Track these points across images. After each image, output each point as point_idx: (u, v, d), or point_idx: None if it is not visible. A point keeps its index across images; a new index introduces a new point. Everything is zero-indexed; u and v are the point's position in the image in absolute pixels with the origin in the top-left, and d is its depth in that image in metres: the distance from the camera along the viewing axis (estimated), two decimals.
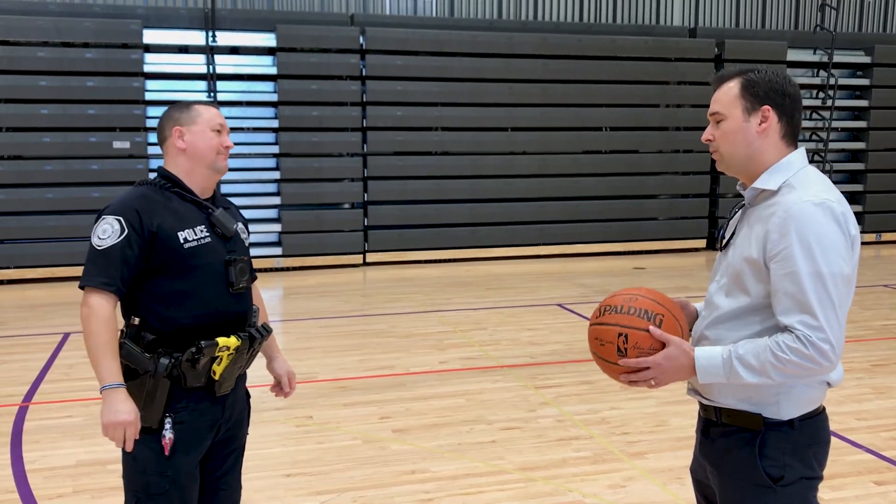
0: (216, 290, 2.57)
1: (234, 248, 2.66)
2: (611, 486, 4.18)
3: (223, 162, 2.68)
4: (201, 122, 2.64)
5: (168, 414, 2.49)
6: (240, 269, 2.63)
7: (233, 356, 2.55)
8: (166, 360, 2.46)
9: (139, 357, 2.46)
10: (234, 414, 2.69)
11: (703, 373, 2.10)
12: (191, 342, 2.48)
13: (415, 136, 11.85)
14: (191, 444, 2.54)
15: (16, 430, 5.05)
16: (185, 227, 2.54)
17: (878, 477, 4.28)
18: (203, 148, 2.63)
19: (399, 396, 5.67)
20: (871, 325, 7.83)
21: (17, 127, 10.45)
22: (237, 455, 2.78)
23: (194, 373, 2.50)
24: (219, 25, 11.12)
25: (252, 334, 2.63)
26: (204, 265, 2.55)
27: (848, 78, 13.87)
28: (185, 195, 2.61)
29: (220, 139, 2.67)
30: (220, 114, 2.73)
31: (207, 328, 2.52)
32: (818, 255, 1.99)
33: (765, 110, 2.14)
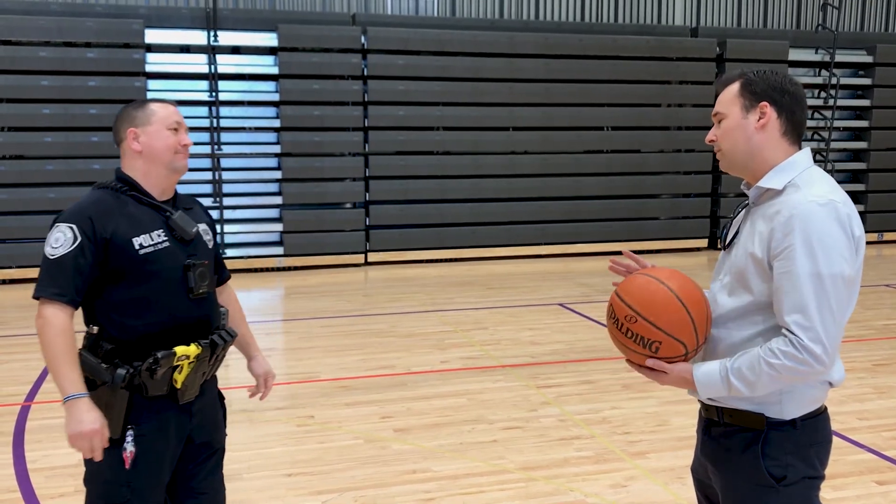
0: (175, 297, 2.50)
1: (194, 251, 2.58)
2: (612, 485, 4.18)
3: (182, 161, 2.61)
4: (156, 122, 2.56)
5: (130, 426, 2.42)
6: (199, 273, 2.55)
7: (194, 364, 2.49)
8: (123, 371, 2.39)
9: (96, 367, 2.40)
10: (204, 419, 2.64)
11: (703, 389, 2.13)
12: (151, 350, 2.42)
13: (416, 135, 11.85)
14: (155, 454, 2.49)
15: (17, 429, 5.06)
16: (140, 233, 2.47)
17: (879, 476, 4.28)
18: (159, 148, 2.55)
19: (400, 396, 5.67)
20: (872, 325, 7.82)
21: (18, 127, 10.46)
22: (216, 459, 2.72)
23: (154, 382, 2.43)
24: (220, 25, 11.12)
25: (214, 340, 2.56)
26: (161, 271, 2.48)
27: (850, 77, 13.85)
28: (142, 198, 2.54)
29: (176, 137, 2.58)
30: (177, 111, 2.65)
31: (167, 335, 2.46)
32: (820, 255, 1.99)
33: (762, 106, 2.14)
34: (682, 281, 2.17)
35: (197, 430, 2.61)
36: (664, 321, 2.11)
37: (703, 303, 2.16)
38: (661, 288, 2.15)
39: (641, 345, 2.14)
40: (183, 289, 2.52)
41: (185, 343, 2.48)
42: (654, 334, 2.12)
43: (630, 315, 2.15)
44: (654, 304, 2.13)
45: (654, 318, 2.12)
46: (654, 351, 2.14)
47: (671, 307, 2.12)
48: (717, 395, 2.13)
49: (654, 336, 2.12)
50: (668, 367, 2.14)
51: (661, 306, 2.12)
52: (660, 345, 2.12)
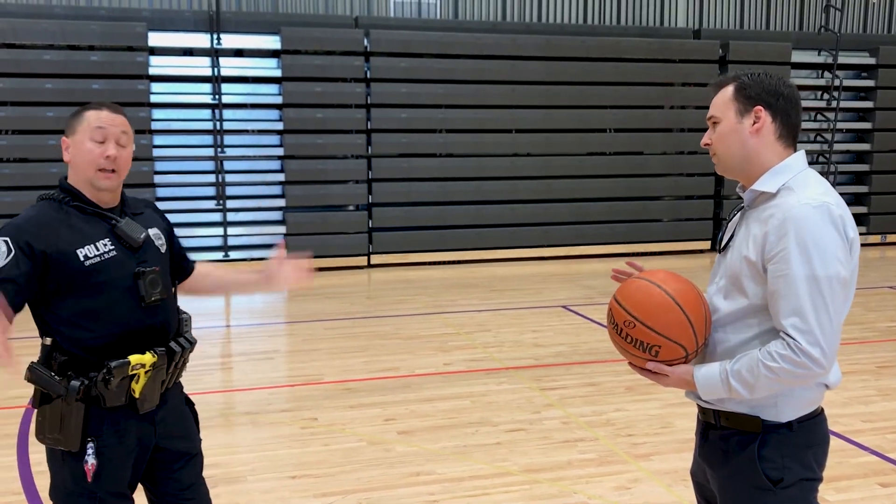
0: (126, 306, 2.43)
1: (144, 258, 2.49)
2: (616, 487, 4.18)
3: (103, 180, 2.43)
4: (81, 132, 2.44)
5: (90, 438, 2.39)
6: (150, 280, 2.46)
7: (150, 373, 2.44)
8: (77, 383, 2.35)
9: (49, 381, 2.36)
10: (170, 428, 2.58)
11: (704, 392, 2.15)
12: (105, 361, 2.37)
13: (419, 138, 11.86)
14: (118, 465, 2.45)
15: (22, 431, 5.07)
16: (85, 244, 2.39)
17: (883, 479, 4.28)
18: (81, 162, 2.44)
19: (404, 398, 5.68)
20: (876, 327, 7.81)
21: (22, 130, 10.49)
22: (194, 465, 2.67)
23: (111, 393, 2.38)
24: (223, 28, 11.14)
25: (171, 348, 2.50)
26: (109, 281, 2.41)
27: (853, 79, 13.84)
28: (86, 208, 2.45)
29: (100, 150, 2.42)
30: (111, 117, 2.46)
31: (121, 345, 2.40)
32: (815, 258, 2.00)
33: (757, 110, 2.15)
34: (680, 283, 2.18)
35: (165, 440, 2.57)
36: (662, 325, 2.12)
37: (700, 304, 2.17)
38: (657, 292, 2.16)
39: (641, 349, 2.16)
40: (134, 297, 2.44)
41: (140, 352, 2.43)
42: (654, 339, 2.13)
43: (629, 320, 2.16)
44: (651, 308, 2.14)
45: (652, 322, 2.13)
46: (654, 355, 2.15)
47: (669, 311, 2.13)
48: (718, 397, 2.14)
49: (654, 340, 2.13)
50: (669, 370, 2.16)
51: (658, 310, 2.13)
52: (659, 349, 2.14)
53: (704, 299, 2.20)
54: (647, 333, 2.13)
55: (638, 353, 2.17)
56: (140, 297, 2.45)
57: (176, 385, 2.64)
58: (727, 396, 2.12)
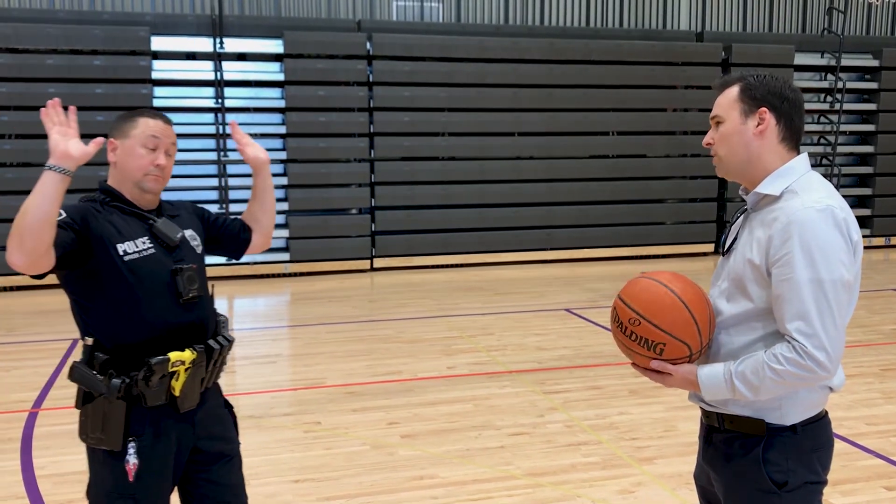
0: (164, 303, 2.47)
1: (181, 256, 2.56)
2: (620, 491, 4.17)
3: (152, 183, 2.54)
4: (133, 138, 2.53)
5: (131, 437, 2.41)
6: (188, 277, 2.51)
7: (190, 370, 2.46)
8: (118, 381, 2.37)
9: (92, 379, 2.38)
10: (209, 429, 2.60)
11: (707, 392, 2.13)
12: (142, 360, 2.40)
13: (422, 141, 11.86)
14: (158, 465, 2.46)
15: (25, 435, 5.07)
16: (125, 240, 2.46)
17: (888, 482, 4.27)
18: (130, 167, 2.52)
19: (407, 402, 5.67)
20: (880, 330, 7.79)
21: (26, 134, 10.50)
22: (231, 467, 2.67)
23: (151, 391, 2.40)
24: (226, 32, 11.16)
25: (210, 345, 2.53)
26: (148, 277, 2.46)
27: (856, 81, 13.83)
28: (126, 208, 2.53)
29: (150, 157, 2.52)
30: (164, 128, 2.57)
31: (160, 342, 2.43)
32: (819, 261, 1.99)
33: (761, 112, 2.14)
34: (685, 283, 2.18)
35: (203, 441, 2.58)
36: (667, 323, 2.12)
37: (705, 304, 2.16)
38: (663, 290, 2.15)
39: (646, 347, 2.15)
40: (172, 294, 2.49)
41: (179, 349, 2.46)
42: (658, 336, 2.13)
43: (634, 318, 2.16)
44: (656, 306, 2.14)
45: (657, 320, 2.13)
46: (658, 353, 2.14)
47: (674, 309, 2.12)
48: (721, 398, 2.13)
49: (658, 338, 2.13)
50: (673, 369, 2.15)
51: (663, 308, 2.13)
52: (664, 346, 2.13)
53: (709, 300, 2.20)
54: (652, 331, 2.13)
55: (642, 352, 2.16)
56: (178, 294, 2.50)
57: (215, 386, 2.67)
58: (730, 397, 2.11)
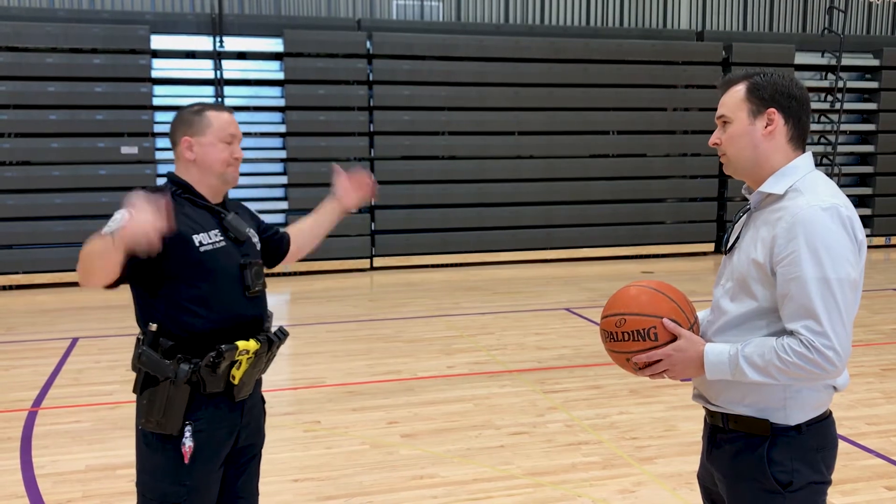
0: (232, 294, 2.54)
1: (247, 251, 2.64)
2: (620, 490, 4.16)
3: (234, 173, 2.64)
4: (211, 134, 2.57)
5: (188, 421, 2.45)
6: (255, 272, 2.60)
7: (252, 360, 2.53)
8: (186, 366, 2.42)
9: (159, 363, 2.42)
10: (252, 419, 2.67)
11: (711, 368, 2.11)
12: (209, 347, 2.45)
13: (422, 140, 11.86)
14: (210, 452, 2.51)
15: (25, 434, 5.06)
16: (199, 231, 2.51)
17: (889, 482, 4.26)
18: (212, 161, 2.58)
19: (407, 401, 5.67)
20: (881, 329, 7.79)
21: (25, 132, 10.49)
22: (256, 462, 2.75)
23: (214, 378, 2.46)
24: (226, 31, 11.15)
25: (270, 337, 2.61)
26: (219, 269, 2.52)
27: (856, 81, 13.82)
28: (197, 201, 2.58)
29: (230, 150, 2.60)
30: (233, 120, 2.65)
31: (225, 333, 2.49)
32: (826, 260, 1.98)
33: (770, 113, 2.13)
34: (651, 281, 2.27)
35: (244, 431, 2.63)
36: (650, 308, 2.17)
37: (676, 289, 2.24)
38: (631, 287, 2.25)
39: (641, 338, 2.15)
40: (240, 287, 2.56)
41: (242, 339, 2.51)
42: (647, 321, 2.15)
43: (618, 320, 2.19)
44: (632, 298, 2.21)
45: (639, 308, 2.17)
46: (654, 338, 2.14)
47: (651, 296, 2.20)
48: (720, 376, 2.11)
49: (648, 323, 2.15)
50: (679, 332, 2.13)
51: (638, 298, 2.20)
52: (655, 329, 2.14)
53: (675, 287, 2.27)
54: (639, 320, 2.15)
55: (639, 346, 2.16)
56: (245, 287, 2.57)
57: (261, 379, 2.72)
58: (729, 378, 2.09)
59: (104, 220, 2.51)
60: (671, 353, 2.13)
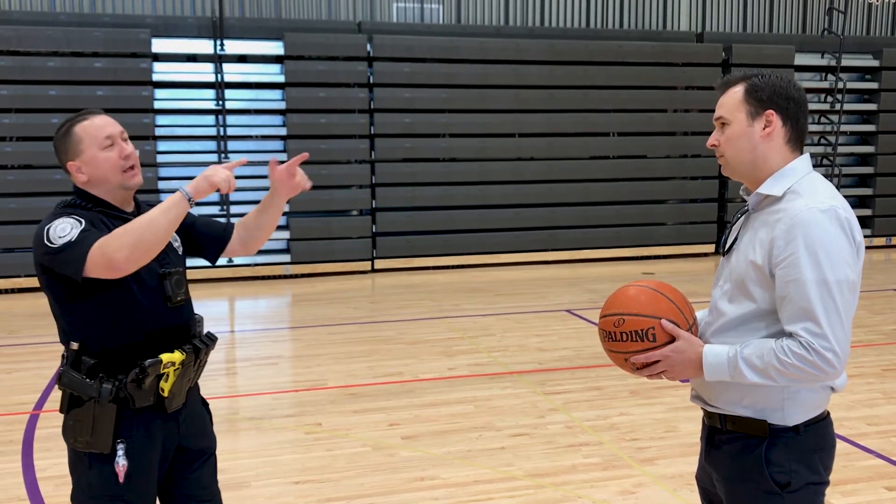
0: (153, 306, 2.46)
1: (167, 260, 2.54)
2: (621, 492, 4.17)
3: (133, 179, 2.50)
4: (86, 147, 2.46)
5: (120, 440, 2.40)
6: (175, 281, 2.51)
7: (179, 371, 2.46)
8: (109, 385, 2.36)
9: (82, 383, 2.37)
10: (192, 427, 2.62)
11: (710, 369, 2.12)
12: (133, 362, 2.38)
13: (422, 142, 11.87)
14: (146, 466, 2.46)
15: (27, 437, 5.08)
16: None
17: (889, 482, 4.26)
18: (102, 174, 2.47)
19: (408, 403, 5.68)
20: (881, 330, 7.79)
21: (27, 136, 10.51)
22: (211, 465, 2.69)
23: (141, 393, 2.39)
24: (227, 34, 11.17)
25: (196, 346, 2.54)
26: (137, 281, 2.43)
27: (856, 81, 13.82)
28: (109, 212, 2.49)
29: (116, 151, 2.47)
30: (107, 121, 2.51)
31: (148, 346, 2.43)
32: (824, 262, 1.99)
33: (768, 114, 2.13)
34: (650, 281, 2.28)
35: (187, 439, 2.59)
36: (649, 309, 2.17)
37: (676, 289, 2.25)
38: (630, 287, 2.25)
39: (639, 339, 2.16)
40: (160, 297, 2.49)
41: (167, 351, 2.45)
42: (645, 322, 2.16)
43: (617, 320, 2.19)
44: (631, 298, 2.21)
45: (638, 309, 2.17)
46: (652, 339, 2.15)
47: (650, 296, 2.20)
48: (719, 377, 2.11)
49: (646, 323, 2.16)
50: (678, 332, 2.14)
51: (640, 298, 2.20)
52: (654, 330, 2.15)
53: (674, 287, 2.28)
54: (637, 321, 2.16)
55: (637, 346, 2.17)
56: (166, 297, 2.50)
57: (195, 385, 2.68)
58: (728, 379, 2.10)
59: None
60: (669, 355, 2.14)
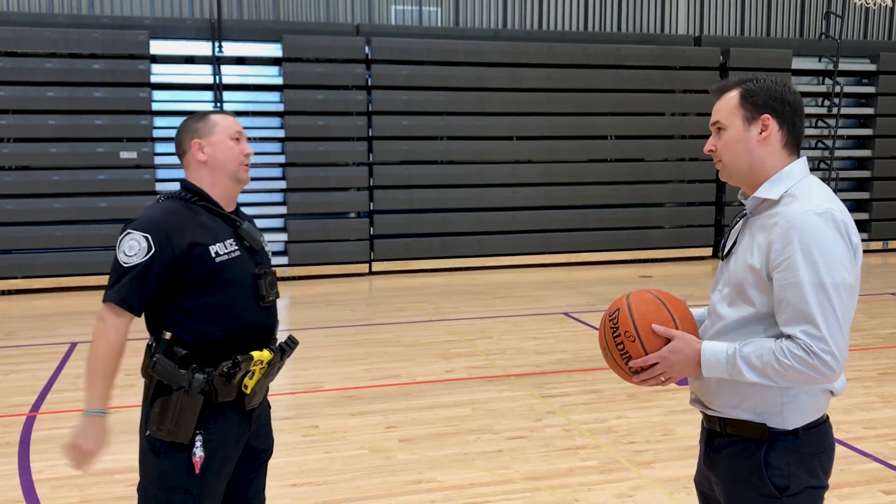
0: (247, 304, 2.54)
1: (261, 260, 2.64)
2: (618, 495, 4.17)
3: (245, 172, 2.66)
4: (219, 132, 2.61)
5: (199, 431, 2.44)
6: (269, 282, 2.60)
7: (265, 370, 2.53)
8: (202, 376, 2.41)
9: (173, 373, 2.41)
10: (260, 426, 2.68)
11: (708, 366, 2.11)
12: (222, 356, 2.44)
13: (420, 145, 11.87)
14: (220, 461, 2.50)
15: (23, 439, 5.07)
16: (215, 241, 2.51)
17: (886, 486, 4.27)
18: (224, 159, 2.60)
19: (405, 406, 5.67)
20: (878, 334, 7.80)
21: (24, 138, 10.50)
22: (265, 468, 2.76)
23: (227, 388, 2.45)
24: (225, 36, 11.17)
25: (282, 347, 2.61)
26: (235, 279, 2.52)
27: (853, 86, 13.86)
28: (212, 208, 2.58)
29: (239, 147, 2.63)
30: (237, 121, 2.69)
31: (239, 342, 2.49)
32: (821, 265, 1.99)
33: (764, 119, 2.14)
34: (684, 313, 2.23)
35: (254, 438, 2.64)
36: (655, 349, 2.16)
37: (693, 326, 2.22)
38: (669, 319, 2.18)
39: (625, 360, 2.19)
40: (254, 296, 2.56)
41: (255, 349, 2.52)
42: (641, 355, 2.17)
43: (631, 334, 2.18)
44: (655, 334, 2.16)
45: (649, 346, 2.16)
46: (630, 371, 2.19)
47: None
48: (717, 374, 2.11)
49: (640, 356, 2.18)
50: (671, 333, 2.14)
51: (660, 337, 2.16)
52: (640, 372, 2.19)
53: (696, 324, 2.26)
54: (639, 351, 2.16)
55: (619, 363, 2.21)
56: (260, 297, 2.57)
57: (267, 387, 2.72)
58: (726, 376, 2.10)
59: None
60: (667, 356, 2.14)
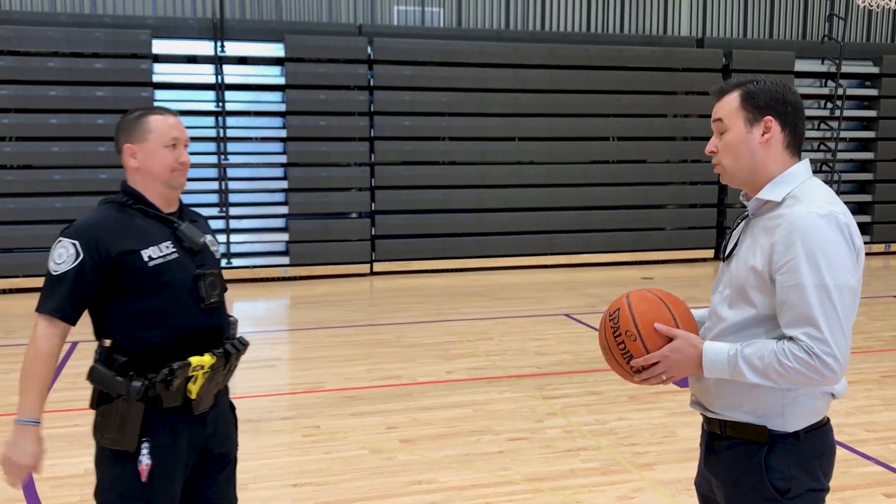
0: (187, 307, 2.49)
1: (203, 261, 2.58)
2: (619, 497, 4.16)
3: (179, 179, 2.57)
4: (152, 139, 2.52)
5: (146, 438, 2.41)
6: (210, 283, 2.54)
7: (208, 374, 2.48)
8: (139, 384, 2.38)
9: (111, 381, 2.39)
10: (217, 430, 2.63)
11: (709, 366, 2.10)
12: (164, 361, 2.40)
13: (422, 146, 11.87)
14: (170, 467, 2.47)
15: None
16: (148, 245, 2.47)
17: (888, 489, 4.26)
18: (156, 168, 2.52)
19: (406, 406, 5.67)
20: (880, 336, 7.79)
21: (26, 137, 10.51)
22: (230, 469, 2.72)
23: (169, 394, 2.41)
24: (227, 36, 11.17)
25: (227, 350, 2.56)
26: (172, 282, 2.47)
27: (856, 88, 13.84)
28: (149, 211, 2.53)
29: (174, 154, 2.54)
30: (177, 123, 2.58)
31: (180, 346, 2.45)
32: (824, 267, 1.98)
33: (767, 121, 2.13)
34: (685, 313, 2.22)
35: (211, 441, 2.61)
36: (657, 348, 2.16)
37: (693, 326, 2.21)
38: (669, 318, 2.17)
39: (626, 360, 2.17)
40: (194, 299, 2.51)
41: (198, 353, 2.47)
42: (642, 354, 2.16)
43: (632, 333, 2.16)
44: (657, 333, 2.15)
45: (650, 345, 2.15)
46: (632, 370, 2.18)
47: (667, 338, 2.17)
48: (719, 375, 2.10)
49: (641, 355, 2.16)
50: (673, 332, 2.13)
51: (661, 336, 2.15)
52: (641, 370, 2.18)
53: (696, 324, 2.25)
54: (640, 350, 2.15)
55: (620, 360, 2.19)
56: (200, 299, 2.52)
57: (225, 388, 2.69)
58: (727, 377, 2.09)
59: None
60: (668, 354, 2.13)
